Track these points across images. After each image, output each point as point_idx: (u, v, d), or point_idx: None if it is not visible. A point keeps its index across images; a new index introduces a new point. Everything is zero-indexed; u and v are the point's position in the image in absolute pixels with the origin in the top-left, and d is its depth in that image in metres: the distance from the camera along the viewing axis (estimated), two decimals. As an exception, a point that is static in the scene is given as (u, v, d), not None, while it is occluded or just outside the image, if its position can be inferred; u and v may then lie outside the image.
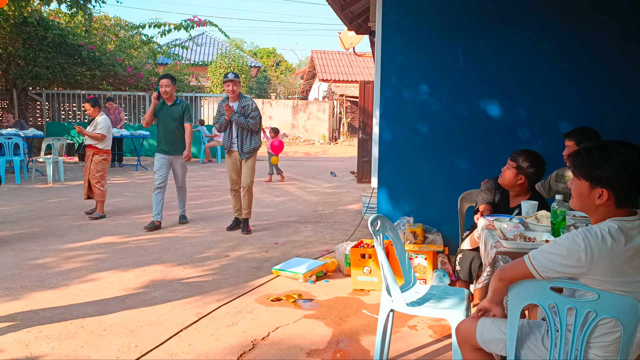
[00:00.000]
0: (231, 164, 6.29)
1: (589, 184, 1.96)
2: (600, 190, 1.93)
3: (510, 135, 4.67)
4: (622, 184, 1.90)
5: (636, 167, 1.89)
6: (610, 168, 1.90)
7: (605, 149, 1.93)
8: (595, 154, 1.94)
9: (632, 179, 1.90)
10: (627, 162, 1.88)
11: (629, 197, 1.94)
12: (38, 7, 14.43)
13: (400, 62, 4.70)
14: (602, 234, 1.87)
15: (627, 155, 1.89)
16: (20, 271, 4.67)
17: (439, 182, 4.63)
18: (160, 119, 6.47)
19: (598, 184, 1.93)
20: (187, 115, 6.52)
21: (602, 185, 1.92)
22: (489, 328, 2.24)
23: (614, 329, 1.92)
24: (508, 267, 2.08)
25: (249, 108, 6.15)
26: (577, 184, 2.01)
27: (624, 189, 1.91)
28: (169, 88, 6.34)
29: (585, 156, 1.97)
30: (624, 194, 1.92)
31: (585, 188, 1.97)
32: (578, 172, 1.99)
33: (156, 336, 3.41)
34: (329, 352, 3.25)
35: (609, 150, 1.92)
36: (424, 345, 3.38)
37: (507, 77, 4.65)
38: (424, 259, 4.36)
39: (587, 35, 4.56)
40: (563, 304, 1.95)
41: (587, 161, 1.95)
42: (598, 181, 1.93)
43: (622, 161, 1.88)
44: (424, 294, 3.03)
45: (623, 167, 1.88)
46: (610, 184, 1.91)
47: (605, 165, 1.90)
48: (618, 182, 1.90)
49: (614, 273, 1.86)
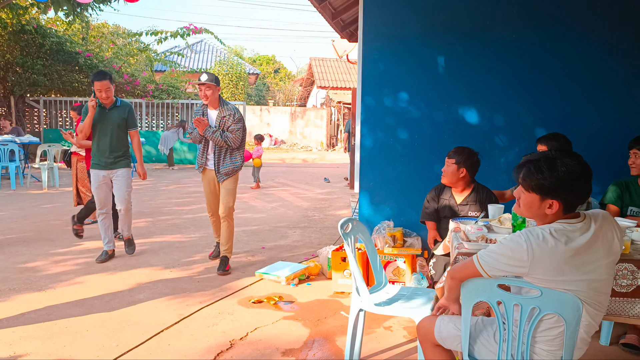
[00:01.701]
0: (207, 185, 5.09)
1: (539, 196, 2.03)
2: (551, 201, 2.02)
3: (487, 141, 4.79)
4: (570, 193, 2.00)
5: (581, 175, 1.99)
6: (558, 180, 1.98)
7: (551, 161, 2.01)
8: (543, 166, 2.01)
9: (578, 187, 2.00)
10: (572, 172, 1.98)
11: (576, 204, 2.04)
12: (36, 15, 14.62)
13: (381, 70, 4.82)
14: (544, 235, 1.97)
15: (571, 166, 1.99)
16: (9, 274, 4.77)
17: (419, 187, 4.73)
18: (97, 126, 5.12)
19: (548, 196, 2.02)
20: (132, 120, 5.26)
21: (552, 196, 2.01)
22: (446, 325, 2.34)
23: (557, 324, 2.02)
24: (459, 267, 2.18)
25: (231, 118, 4.82)
26: (527, 196, 2.08)
27: (571, 197, 2.01)
28: (110, 92, 5.02)
29: (533, 169, 2.03)
30: (572, 202, 2.02)
31: (535, 200, 2.05)
32: (527, 185, 2.06)
33: (137, 336, 3.51)
34: (304, 352, 3.34)
35: (555, 162, 2.00)
36: (397, 345, 3.48)
37: (484, 85, 4.77)
38: (403, 262, 4.46)
39: (562, 43, 4.68)
40: (509, 300, 2.06)
41: (536, 174, 2.02)
42: (548, 193, 2.01)
43: (568, 172, 1.98)
44: (393, 295, 3.14)
45: (570, 177, 1.98)
46: (559, 195, 2.00)
47: (554, 177, 1.99)
48: (566, 192, 2.00)
49: (555, 272, 1.97)
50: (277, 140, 26.77)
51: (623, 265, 2.53)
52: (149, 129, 17.28)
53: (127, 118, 5.19)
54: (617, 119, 4.65)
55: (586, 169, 2.01)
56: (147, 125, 17.27)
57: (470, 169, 3.90)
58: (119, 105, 5.15)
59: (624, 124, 4.56)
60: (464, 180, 3.93)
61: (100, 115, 5.08)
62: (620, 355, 3.35)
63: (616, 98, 4.66)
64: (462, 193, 3.99)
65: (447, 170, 3.92)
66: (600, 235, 2.04)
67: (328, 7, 7.84)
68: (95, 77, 4.97)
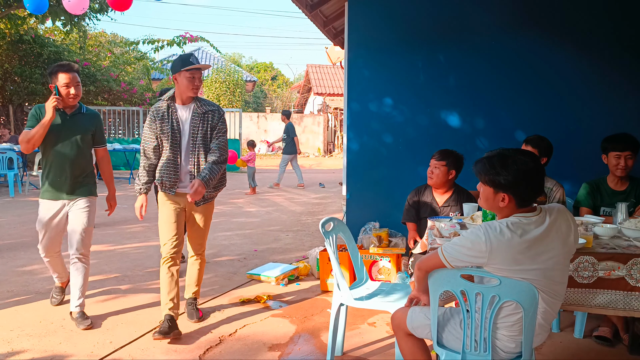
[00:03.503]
0: (170, 213, 3.66)
1: (493, 190, 2.22)
2: (503, 194, 2.20)
3: (469, 144, 4.95)
4: (520, 188, 2.17)
5: (531, 172, 2.16)
6: (508, 175, 2.16)
7: (504, 158, 2.19)
8: (495, 162, 2.19)
9: (527, 183, 2.17)
10: (522, 169, 2.15)
11: (528, 198, 2.21)
12: (34, 25, 14.82)
13: (366, 77, 5.00)
14: (501, 228, 2.13)
15: (522, 163, 2.16)
16: (7, 277, 4.92)
17: (404, 189, 4.87)
18: (51, 137, 3.69)
19: (500, 189, 2.20)
20: (100, 135, 3.95)
21: (504, 190, 2.19)
22: (417, 315, 2.49)
23: (515, 310, 2.17)
24: (425, 258, 2.34)
25: (216, 115, 3.66)
26: (484, 189, 2.27)
27: (522, 192, 2.18)
28: (79, 90, 3.74)
29: (487, 165, 2.22)
30: (523, 196, 2.19)
31: (490, 193, 2.24)
32: (482, 179, 2.25)
33: (130, 334, 3.66)
34: (290, 346, 3.50)
35: (507, 159, 2.18)
36: (379, 340, 3.63)
37: (466, 90, 4.95)
38: (388, 262, 4.61)
39: (541, 48, 4.87)
40: (472, 289, 2.22)
41: (490, 170, 2.20)
42: (500, 187, 2.19)
43: (518, 169, 2.15)
44: (373, 290, 3.29)
45: (519, 174, 2.15)
46: (510, 189, 2.18)
47: (504, 173, 2.16)
48: (516, 187, 2.17)
49: (511, 262, 2.12)
50: (274, 147, 26.93)
51: (584, 257, 2.69)
52: (146, 136, 17.47)
53: (95, 131, 3.88)
54: (594, 122, 4.82)
55: (537, 166, 2.18)
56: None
57: (458, 172, 4.05)
58: (85, 112, 3.85)
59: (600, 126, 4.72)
60: (450, 182, 4.08)
61: (59, 123, 3.70)
62: (594, 347, 3.49)
63: (590, 101, 4.84)
64: (444, 195, 4.13)
65: (435, 172, 4.02)
66: (554, 227, 2.20)
67: (319, 15, 8.01)
68: (61, 68, 3.66)
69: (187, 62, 3.51)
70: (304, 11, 7.58)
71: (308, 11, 7.60)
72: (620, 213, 3.24)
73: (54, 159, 3.74)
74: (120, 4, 4.92)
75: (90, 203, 3.84)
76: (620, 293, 2.67)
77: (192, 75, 3.51)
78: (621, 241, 2.93)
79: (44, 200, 3.81)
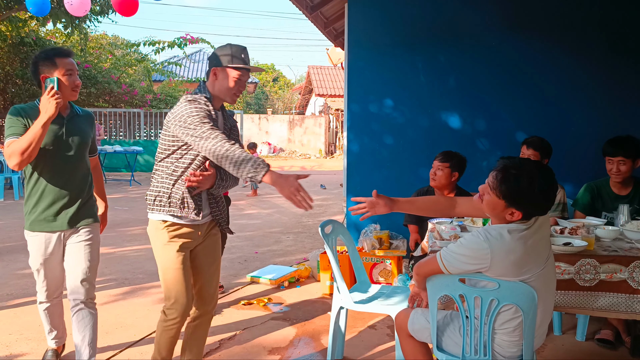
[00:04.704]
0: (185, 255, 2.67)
1: (505, 203, 2.12)
2: (514, 210, 2.11)
3: (470, 145, 4.93)
4: (535, 208, 2.12)
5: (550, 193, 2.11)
6: (531, 196, 2.07)
7: (531, 179, 2.07)
8: (523, 182, 2.06)
9: (545, 204, 2.12)
10: (545, 191, 2.08)
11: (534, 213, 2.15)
12: (35, 27, 14.84)
13: (366, 78, 4.99)
14: (501, 234, 2.09)
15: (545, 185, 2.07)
16: (7, 280, 4.91)
17: (404, 190, 4.83)
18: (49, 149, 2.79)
19: (513, 206, 2.11)
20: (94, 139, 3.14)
21: (517, 207, 2.11)
22: (419, 318, 2.47)
23: (515, 315, 2.15)
24: (423, 264, 2.32)
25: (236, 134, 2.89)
26: (494, 199, 2.15)
27: (534, 210, 2.13)
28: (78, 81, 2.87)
29: (513, 181, 2.08)
30: (532, 214, 2.13)
31: (500, 205, 2.14)
32: (499, 192, 2.12)
33: (129, 337, 3.65)
34: (290, 350, 3.47)
35: (533, 181, 2.06)
36: (381, 343, 3.60)
37: (466, 91, 4.93)
38: (389, 264, 4.59)
39: (541, 49, 4.85)
40: (470, 293, 2.20)
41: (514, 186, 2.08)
42: (516, 204, 2.10)
43: (541, 190, 2.07)
44: (373, 293, 3.27)
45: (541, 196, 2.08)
46: (525, 208, 2.11)
47: (529, 194, 2.07)
48: (532, 207, 2.11)
49: (513, 267, 2.09)
50: (276, 149, 26.93)
51: (586, 260, 2.67)
52: (147, 138, 17.51)
53: (92, 137, 3.08)
54: (594, 123, 4.80)
55: (555, 187, 2.14)
56: (145, 134, 17.50)
57: (461, 173, 4.00)
58: (81, 114, 3.00)
59: (601, 127, 4.70)
60: (453, 184, 4.03)
61: (55, 128, 2.79)
62: (596, 350, 3.46)
63: (592, 102, 4.82)
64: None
65: (438, 174, 3.95)
66: (543, 230, 2.20)
67: (320, 17, 8.00)
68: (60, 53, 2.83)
69: (239, 59, 2.63)
70: (305, 13, 7.56)
71: (309, 13, 7.59)
72: (622, 215, 3.21)
73: (50, 177, 2.81)
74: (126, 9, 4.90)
75: (95, 232, 3.02)
76: (623, 296, 2.65)
77: (239, 77, 2.64)
78: (623, 243, 2.90)
79: (36, 234, 2.85)
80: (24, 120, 2.72)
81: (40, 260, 2.88)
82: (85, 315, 2.89)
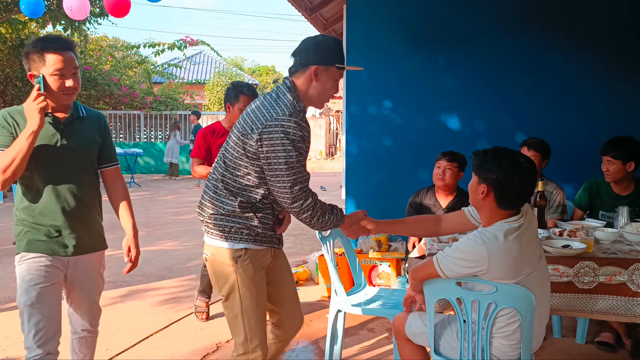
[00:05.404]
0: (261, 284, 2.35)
1: (477, 179, 2.20)
2: (484, 186, 2.16)
3: (469, 147, 4.85)
4: (501, 188, 2.13)
5: (513, 176, 2.11)
6: (493, 171, 2.13)
7: (498, 154, 2.16)
8: (489, 156, 2.17)
9: (509, 186, 2.12)
10: (508, 169, 2.11)
11: (509, 201, 2.16)
12: (35, 29, 14.84)
13: (365, 80, 4.97)
14: (495, 235, 2.09)
15: (512, 164, 2.12)
16: (5, 283, 4.90)
17: (403, 192, 4.83)
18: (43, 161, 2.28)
19: (483, 181, 2.17)
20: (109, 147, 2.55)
21: (486, 183, 2.16)
22: (416, 321, 2.45)
23: (513, 318, 2.13)
24: (419, 268, 2.30)
25: None
26: (473, 177, 2.25)
27: (502, 192, 2.13)
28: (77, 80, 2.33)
29: (482, 156, 2.20)
30: (503, 197, 2.14)
31: (474, 182, 2.22)
32: (473, 168, 2.25)
33: (127, 340, 3.63)
34: (288, 353, 3.46)
35: (500, 156, 2.15)
36: (378, 346, 3.59)
37: (464, 92, 4.91)
38: (387, 266, 4.57)
39: (541, 50, 4.83)
40: (468, 297, 2.18)
41: (481, 161, 2.19)
42: (483, 179, 2.17)
43: (505, 167, 2.11)
44: (371, 296, 3.25)
45: (504, 173, 2.11)
46: (491, 184, 2.14)
47: (492, 167, 2.13)
48: (497, 185, 2.13)
49: (509, 268, 2.08)
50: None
51: (585, 262, 2.65)
52: (147, 140, 17.50)
53: (102, 142, 2.49)
54: (594, 124, 4.78)
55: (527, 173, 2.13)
56: (145, 136, 17.49)
57: (463, 174, 3.95)
58: (85, 115, 2.43)
59: (601, 128, 4.68)
60: (456, 184, 3.95)
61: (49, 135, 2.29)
62: (596, 353, 3.44)
63: (591, 103, 4.79)
64: (448, 198, 4.00)
65: (448, 174, 3.87)
66: (533, 225, 2.21)
67: (319, 18, 8.00)
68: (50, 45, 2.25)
69: (342, 58, 2.24)
70: (304, 14, 7.57)
71: (308, 14, 7.59)
72: (621, 217, 3.19)
73: (46, 195, 2.31)
74: (117, 10, 4.88)
75: (102, 262, 2.70)
76: (622, 299, 2.63)
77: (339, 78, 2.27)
78: (623, 246, 2.89)
79: (30, 256, 2.36)
80: (10, 128, 2.22)
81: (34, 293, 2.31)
82: (89, 340, 2.68)
